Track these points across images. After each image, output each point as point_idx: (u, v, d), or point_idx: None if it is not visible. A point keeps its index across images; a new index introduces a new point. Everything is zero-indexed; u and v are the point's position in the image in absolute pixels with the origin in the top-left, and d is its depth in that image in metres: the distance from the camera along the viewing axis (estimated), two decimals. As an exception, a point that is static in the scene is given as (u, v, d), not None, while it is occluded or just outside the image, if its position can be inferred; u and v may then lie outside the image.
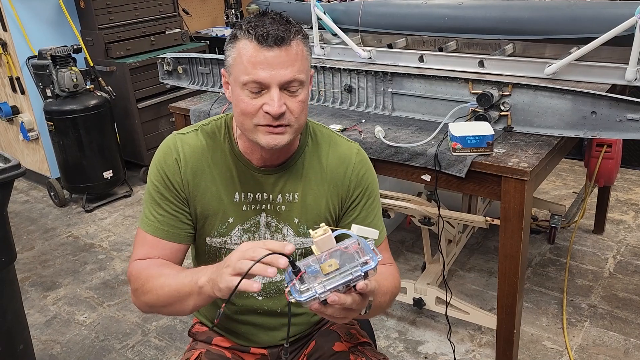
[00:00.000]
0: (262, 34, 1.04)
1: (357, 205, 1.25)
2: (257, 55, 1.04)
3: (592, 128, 1.63)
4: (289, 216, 1.22)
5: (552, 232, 2.82)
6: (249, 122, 1.09)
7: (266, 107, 1.06)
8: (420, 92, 1.94)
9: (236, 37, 1.09)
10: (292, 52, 1.06)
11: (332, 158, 1.24)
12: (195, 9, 4.63)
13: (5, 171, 1.68)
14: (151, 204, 1.20)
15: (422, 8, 2.26)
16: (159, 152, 1.21)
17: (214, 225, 1.21)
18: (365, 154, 1.27)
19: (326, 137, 1.26)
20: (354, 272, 0.87)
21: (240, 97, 1.09)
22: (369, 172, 1.26)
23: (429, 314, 2.38)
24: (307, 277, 0.88)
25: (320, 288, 0.86)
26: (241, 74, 1.07)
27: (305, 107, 1.12)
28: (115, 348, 2.32)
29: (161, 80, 2.64)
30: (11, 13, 3.39)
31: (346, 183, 1.23)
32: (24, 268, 2.95)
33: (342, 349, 1.28)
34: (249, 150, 1.20)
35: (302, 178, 1.22)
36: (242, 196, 1.21)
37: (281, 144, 1.10)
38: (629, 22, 1.64)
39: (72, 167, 3.45)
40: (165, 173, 1.18)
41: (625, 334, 2.21)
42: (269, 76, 1.05)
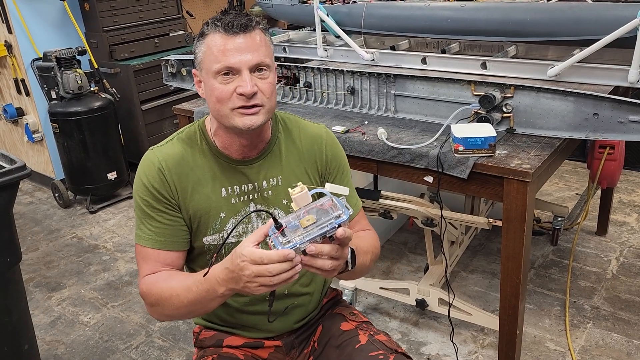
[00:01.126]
0: (228, 23, 1.13)
1: (335, 177, 1.35)
2: (225, 43, 1.13)
3: (595, 130, 1.63)
4: (277, 199, 1.29)
5: (555, 233, 2.82)
6: (224, 108, 1.16)
7: (239, 89, 1.13)
8: (423, 94, 1.95)
9: (204, 34, 1.17)
10: (257, 39, 1.15)
11: (304, 139, 1.33)
12: (198, 11, 4.65)
13: (11, 172, 1.69)
14: (143, 218, 1.24)
15: (424, 10, 2.26)
16: (141, 167, 1.26)
17: (209, 224, 1.26)
18: (332, 133, 1.38)
19: (293, 122, 1.36)
20: (329, 224, 0.98)
21: (214, 86, 1.15)
22: (339, 147, 1.38)
23: (431, 315, 2.38)
24: (288, 231, 0.98)
25: (300, 239, 0.97)
26: (212, 63, 1.14)
27: (274, 90, 1.19)
28: (119, 349, 2.34)
29: (165, 82, 2.65)
30: (16, 15, 3.41)
31: (323, 158, 1.34)
32: (29, 269, 2.96)
33: (350, 327, 1.36)
34: (227, 145, 1.26)
35: (282, 162, 1.30)
36: (229, 190, 1.26)
37: (257, 123, 1.16)
38: (632, 24, 1.64)
39: (77, 169, 3.46)
40: (152, 185, 1.22)
41: (628, 335, 2.20)
42: (238, 61, 1.13)
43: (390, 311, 2.45)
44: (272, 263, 0.96)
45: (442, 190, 1.78)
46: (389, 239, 3.01)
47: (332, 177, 1.35)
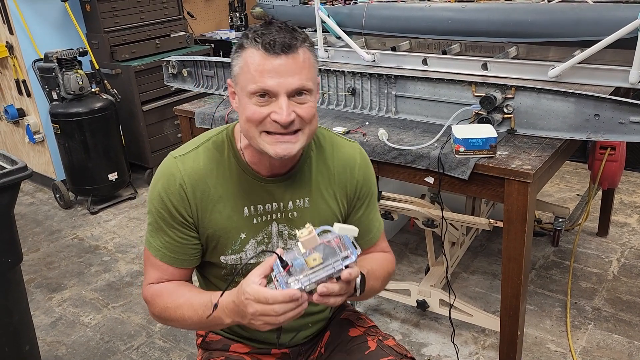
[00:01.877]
0: (269, 42, 1.03)
1: (363, 203, 1.28)
2: (264, 64, 1.04)
3: (596, 131, 1.63)
4: (302, 221, 1.22)
5: (556, 234, 2.82)
6: (254, 130, 1.08)
7: (274, 115, 1.05)
8: (424, 95, 1.95)
9: (242, 47, 1.08)
10: (299, 59, 1.05)
11: (337, 160, 1.25)
12: (199, 12, 4.65)
13: (12, 173, 1.69)
14: (156, 229, 1.19)
15: (425, 11, 2.26)
16: (161, 177, 1.18)
17: (227, 244, 1.20)
18: (365, 152, 1.31)
19: (328, 139, 1.27)
20: (336, 266, 0.96)
21: (247, 106, 1.07)
22: (371, 170, 1.30)
23: (432, 316, 2.38)
24: (293, 270, 0.95)
25: (306, 280, 0.95)
26: (248, 82, 1.06)
27: (315, 114, 1.10)
28: (120, 349, 2.34)
29: (166, 83, 2.66)
30: (17, 16, 3.41)
31: (354, 183, 1.26)
32: (30, 270, 2.96)
33: (358, 333, 1.34)
34: (256, 160, 1.18)
35: (311, 183, 1.23)
36: (251, 209, 1.19)
37: (291, 152, 1.09)
38: (633, 25, 1.64)
39: (78, 169, 3.46)
40: (170, 201, 1.15)
41: (630, 336, 2.20)
42: (276, 84, 1.04)
43: (391, 312, 2.44)
44: (277, 303, 0.94)
45: (443, 191, 1.78)
46: (390, 240, 3.00)
47: (361, 202, 1.28)
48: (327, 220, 1.23)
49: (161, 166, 1.20)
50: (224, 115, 2.21)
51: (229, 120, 2.19)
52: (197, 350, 2.32)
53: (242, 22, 4.67)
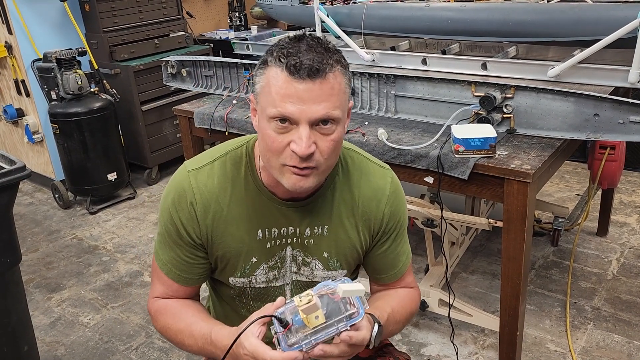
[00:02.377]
0: (295, 64, 0.92)
1: (389, 237, 1.19)
2: (287, 87, 0.93)
3: (595, 130, 1.63)
4: (318, 250, 1.15)
5: (556, 234, 2.82)
6: (275, 161, 0.99)
7: (293, 145, 0.95)
8: (423, 95, 1.95)
9: (266, 63, 0.97)
10: (328, 85, 0.94)
11: (364, 189, 1.14)
12: (199, 12, 4.65)
13: (11, 173, 1.68)
14: (164, 243, 1.14)
15: (425, 11, 2.26)
16: (172, 191, 1.10)
17: (237, 266, 1.14)
18: (398, 181, 1.19)
19: (357, 164, 1.16)
20: (340, 327, 0.89)
21: (266, 131, 0.98)
22: (402, 202, 1.19)
23: (432, 316, 2.38)
24: (294, 328, 0.90)
25: (307, 341, 0.89)
26: (268, 105, 0.96)
27: (338, 148, 1.00)
28: (119, 350, 2.33)
29: (165, 83, 2.65)
30: (16, 16, 3.41)
31: (379, 217, 1.15)
32: (29, 270, 2.96)
33: (368, 354, 1.25)
34: (273, 183, 1.08)
35: (333, 210, 1.13)
36: (265, 233, 1.12)
37: (305, 187, 1.00)
38: (632, 25, 1.64)
39: (77, 169, 3.46)
40: (179, 219, 1.09)
41: (629, 336, 2.20)
42: (298, 111, 0.93)
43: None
44: None
45: (443, 191, 1.78)
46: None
47: (387, 236, 1.18)
48: (344, 252, 1.17)
49: (174, 178, 1.12)
50: (223, 115, 2.20)
51: (228, 120, 2.18)
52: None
53: (241, 22, 4.67)
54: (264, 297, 1.19)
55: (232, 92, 2.37)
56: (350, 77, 1.02)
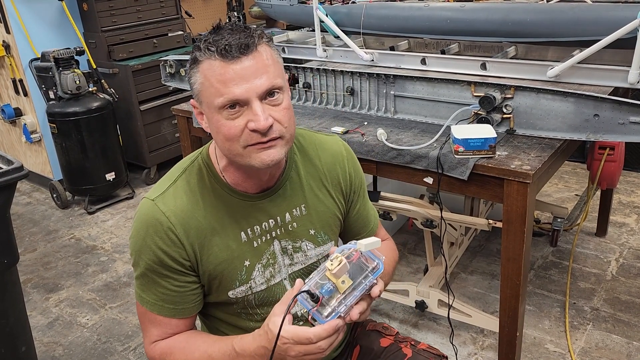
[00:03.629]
0: (225, 47, 0.94)
1: (359, 195, 1.26)
2: (225, 72, 0.94)
3: (595, 131, 1.62)
4: (303, 231, 1.16)
5: (555, 234, 2.82)
6: (236, 147, 0.99)
7: (251, 124, 0.96)
8: (423, 95, 1.94)
9: (197, 60, 0.98)
10: (262, 58, 0.97)
11: (324, 157, 1.20)
12: (197, 12, 4.64)
13: (8, 173, 1.68)
14: (147, 283, 1.09)
15: (424, 10, 2.26)
16: (143, 226, 1.05)
17: (233, 276, 1.11)
18: (346, 144, 1.27)
19: (309, 139, 1.21)
20: (367, 282, 0.92)
21: (219, 123, 0.98)
22: (357, 160, 1.27)
23: (431, 317, 2.37)
24: (324, 300, 0.91)
25: (343, 307, 0.91)
26: (214, 97, 0.96)
27: (292, 115, 1.03)
28: (117, 350, 2.33)
29: (164, 83, 2.65)
30: (14, 15, 3.40)
31: (346, 177, 1.22)
32: (27, 270, 2.95)
33: (389, 342, 1.31)
34: (241, 179, 1.09)
35: (303, 188, 1.16)
36: (249, 233, 1.11)
37: (277, 158, 1.01)
38: (632, 25, 1.63)
39: (75, 169, 3.45)
40: (160, 249, 1.04)
41: (628, 337, 2.20)
42: (245, 90, 0.95)
43: (389, 312, 2.44)
44: (322, 340, 0.90)
45: (442, 192, 1.78)
46: (388, 240, 3.00)
47: (357, 195, 1.24)
48: (328, 222, 1.20)
49: (139, 214, 1.07)
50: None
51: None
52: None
53: (240, 21, 4.66)
54: (268, 300, 1.17)
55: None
56: (278, 50, 1.04)
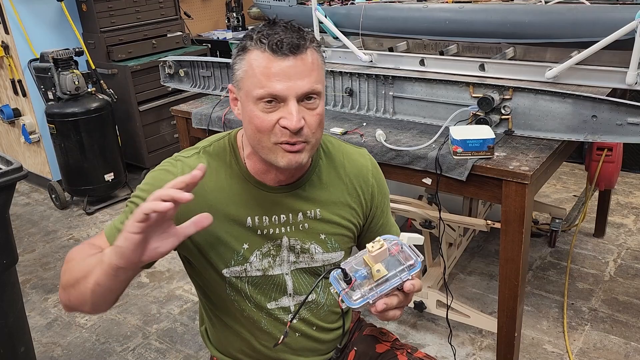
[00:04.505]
0: (277, 42, 0.96)
1: (382, 211, 1.23)
2: (271, 66, 0.97)
3: (593, 132, 1.63)
4: (314, 233, 1.16)
5: (553, 235, 2.82)
6: (266, 140, 1.01)
7: (283, 121, 0.98)
8: (421, 96, 1.95)
9: (246, 49, 1.00)
10: (309, 61, 0.99)
11: (349, 167, 1.19)
12: (196, 12, 4.64)
13: (7, 174, 1.68)
14: (124, 214, 1.08)
15: (423, 12, 2.26)
16: (157, 169, 1.11)
17: (228, 255, 1.12)
18: (373, 158, 1.26)
19: (337, 147, 1.21)
20: (402, 276, 0.91)
21: (253, 113, 1.00)
22: (382, 175, 1.25)
23: (429, 317, 2.37)
24: (357, 284, 0.91)
25: (373, 295, 0.90)
26: (254, 87, 0.99)
27: (322, 122, 1.05)
28: (115, 351, 2.32)
29: (163, 83, 2.65)
30: (13, 16, 3.40)
31: (369, 190, 1.20)
32: (25, 270, 2.95)
33: (386, 349, 1.29)
34: (260, 171, 1.11)
35: (322, 192, 1.16)
36: (255, 220, 1.12)
37: (299, 162, 1.03)
38: (630, 26, 1.64)
39: (74, 170, 3.45)
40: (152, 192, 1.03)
41: (626, 337, 2.20)
42: (285, 88, 0.97)
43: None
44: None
45: (441, 192, 1.78)
46: (387, 241, 3.00)
47: (380, 210, 1.23)
48: (340, 231, 1.19)
49: (161, 164, 1.13)
50: (221, 115, 2.20)
51: (225, 121, 2.18)
52: (193, 352, 2.32)
53: (239, 22, 4.67)
54: (263, 288, 1.18)
55: (230, 92, 2.36)
56: (324, 57, 1.07)
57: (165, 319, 2.50)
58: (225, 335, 1.25)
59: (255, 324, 1.20)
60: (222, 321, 1.24)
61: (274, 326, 1.20)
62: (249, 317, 1.19)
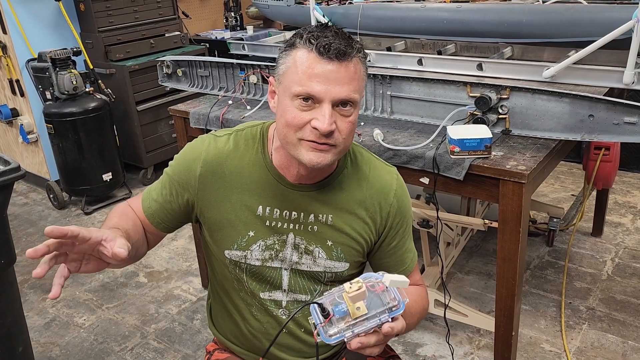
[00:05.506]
0: (325, 45, 0.99)
1: (397, 233, 1.21)
2: (314, 67, 0.99)
3: (590, 131, 1.63)
4: (322, 237, 1.16)
5: (551, 234, 2.82)
6: (292, 135, 1.04)
7: (315, 122, 1.01)
8: (419, 95, 1.95)
9: (294, 45, 1.04)
10: (352, 69, 1.01)
11: (373, 183, 1.18)
12: (194, 12, 4.64)
13: (5, 174, 1.68)
14: (160, 182, 1.21)
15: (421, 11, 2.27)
16: (189, 143, 1.20)
17: (232, 238, 1.16)
18: (402, 180, 1.23)
19: (366, 159, 1.20)
20: (382, 318, 0.89)
21: (288, 108, 1.03)
22: (407, 198, 1.22)
23: (427, 317, 2.38)
24: (334, 319, 0.89)
25: (349, 333, 0.88)
26: (294, 84, 1.01)
27: (354, 130, 1.06)
28: (114, 350, 2.32)
29: (161, 83, 2.64)
30: (11, 16, 3.39)
31: (386, 210, 1.18)
32: (23, 270, 2.95)
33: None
34: (283, 165, 1.13)
35: (339, 200, 1.16)
36: (266, 210, 1.14)
37: (323, 163, 1.04)
38: (627, 26, 1.65)
39: (72, 170, 3.45)
40: (179, 164, 1.17)
41: (624, 336, 2.21)
42: (323, 90, 0.99)
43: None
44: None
45: (438, 192, 1.78)
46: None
47: (395, 232, 1.20)
48: (349, 243, 1.18)
49: (197, 139, 1.21)
50: (219, 115, 2.20)
51: (223, 120, 2.18)
52: (192, 352, 2.31)
53: (237, 22, 4.66)
54: (259, 277, 1.19)
55: (228, 92, 2.36)
56: (367, 67, 1.09)
57: (163, 318, 2.50)
58: (222, 313, 1.29)
59: (247, 308, 1.22)
60: (221, 298, 1.27)
61: (263, 316, 1.22)
62: (243, 299, 1.22)
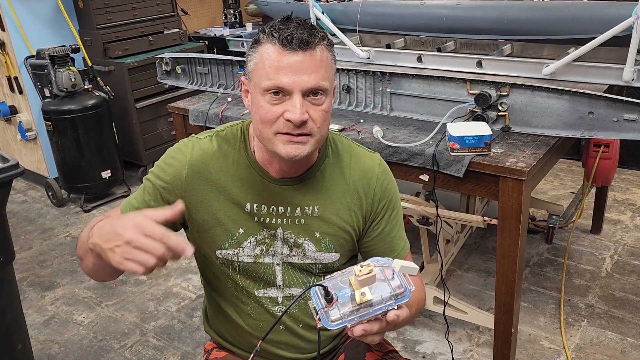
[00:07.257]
0: (287, 37, 1.00)
1: (382, 218, 1.20)
2: (280, 60, 1.00)
3: (590, 128, 1.63)
4: (309, 230, 1.17)
5: (550, 232, 2.83)
6: (268, 131, 1.04)
7: (287, 114, 1.01)
8: (419, 92, 1.95)
9: (259, 42, 1.05)
10: (317, 57, 1.02)
11: (354, 169, 1.18)
12: (193, 9, 4.63)
13: (4, 171, 1.67)
14: (140, 190, 1.17)
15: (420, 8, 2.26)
16: (172, 147, 1.18)
17: (223, 237, 1.16)
18: (386, 164, 1.23)
19: (347, 147, 1.21)
20: (387, 305, 0.86)
21: (260, 104, 1.04)
22: (392, 183, 1.22)
23: (427, 314, 2.38)
24: (338, 304, 0.86)
25: (353, 319, 0.85)
26: (262, 79, 1.02)
27: (328, 117, 1.06)
28: (113, 348, 2.32)
29: (159, 80, 2.64)
30: (9, 13, 3.38)
31: (370, 195, 1.18)
32: (22, 268, 2.94)
33: (375, 358, 1.27)
34: (266, 161, 1.14)
35: (323, 190, 1.16)
36: (254, 207, 1.15)
37: (301, 154, 1.04)
38: (626, 23, 1.64)
39: (70, 167, 3.44)
40: (164, 169, 1.14)
41: (623, 333, 2.21)
42: (291, 82, 1.00)
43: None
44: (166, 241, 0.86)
45: (438, 189, 1.78)
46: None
47: (381, 217, 1.20)
48: (336, 232, 1.18)
49: (177, 144, 1.19)
50: (218, 112, 2.20)
51: (222, 117, 2.18)
52: (191, 349, 2.31)
53: (236, 19, 4.66)
54: (252, 275, 1.19)
55: (227, 89, 2.36)
56: (334, 55, 1.09)
57: (162, 316, 2.50)
58: (217, 314, 1.29)
59: (243, 307, 1.22)
60: (215, 300, 1.27)
61: (260, 313, 1.22)
62: (238, 298, 1.22)
